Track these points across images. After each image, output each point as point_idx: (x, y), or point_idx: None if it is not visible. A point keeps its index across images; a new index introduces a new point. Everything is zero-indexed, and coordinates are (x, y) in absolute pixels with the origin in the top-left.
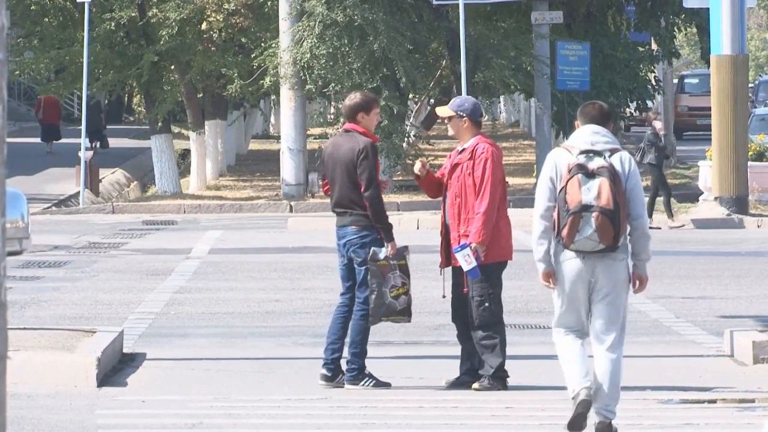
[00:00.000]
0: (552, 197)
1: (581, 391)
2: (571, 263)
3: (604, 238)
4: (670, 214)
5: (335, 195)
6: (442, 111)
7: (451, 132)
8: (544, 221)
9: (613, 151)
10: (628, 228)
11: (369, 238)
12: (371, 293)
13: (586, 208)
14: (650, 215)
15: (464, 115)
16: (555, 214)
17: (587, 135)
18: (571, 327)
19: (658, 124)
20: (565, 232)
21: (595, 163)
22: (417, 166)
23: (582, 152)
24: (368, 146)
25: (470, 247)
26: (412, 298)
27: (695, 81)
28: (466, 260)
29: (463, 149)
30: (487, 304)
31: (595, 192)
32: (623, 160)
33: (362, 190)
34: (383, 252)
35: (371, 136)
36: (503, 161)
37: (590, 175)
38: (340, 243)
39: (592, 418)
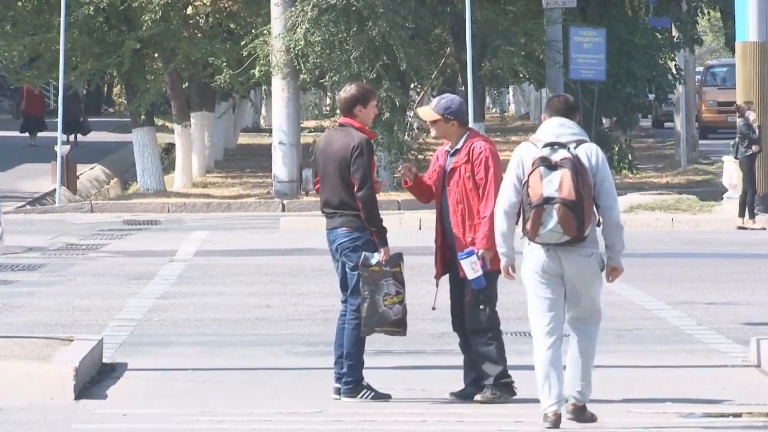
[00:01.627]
0: (516, 193)
1: (549, 412)
2: (536, 254)
3: (567, 230)
4: (752, 214)
5: (325, 194)
6: (426, 114)
7: (434, 133)
8: (508, 219)
9: (579, 143)
10: (600, 220)
11: (361, 241)
12: (363, 301)
13: (547, 200)
14: (752, 216)
15: (452, 117)
16: (520, 208)
17: (553, 127)
18: (545, 319)
19: (752, 115)
20: (529, 225)
21: (559, 155)
22: (403, 173)
23: (546, 145)
24: (363, 143)
25: (477, 254)
26: (408, 307)
27: (724, 71)
28: (472, 268)
29: (456, 150)
30: (482, 307)
31: (556, 184)
32: (590, 152)
33: (355, 189)
34: (376, 257)
35: (368, 132)
36: (502, 157)
37: (552, 167)
38: (332, 248)
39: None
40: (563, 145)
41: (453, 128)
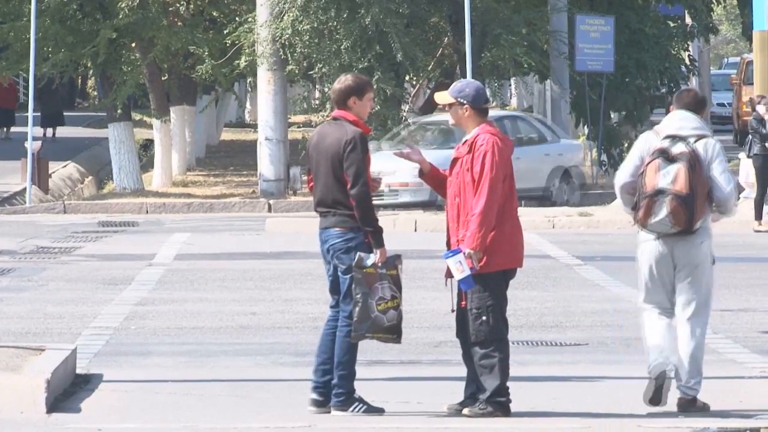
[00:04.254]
0: (636, 173)
1: (654, 367)
2: (648, 244)
3: (677, 222)
4: (759, 215)
5: (318, 192)
6: (441, 97)
7: (451, 121)
8: (622, 193)
9: (699, 137)
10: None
11: (355, 242)
12: (355, 305)
13: (660, 192)
14: (759, 216)
15: (465, 102)
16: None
17: (676, 120)
18: (658, 303)
19: (763, 109)
20: (641, 213)
21: (678, 149)
22: (412, 160)
23: (667, 137)
24: (357, 137)
25: (463, 254)
26: (403, 313)
27: None
28: (457, 268)
29: (465, 141)
30: (484, 318)
31: (671, 177)
32: (707, 146)
33: (348, 187)
34: (371, 258)
35: (363, 126)
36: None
37: (670, 159)
38: (323, 248)
39: (674, 394)
40: (683, 139)
41: (465, 115)
